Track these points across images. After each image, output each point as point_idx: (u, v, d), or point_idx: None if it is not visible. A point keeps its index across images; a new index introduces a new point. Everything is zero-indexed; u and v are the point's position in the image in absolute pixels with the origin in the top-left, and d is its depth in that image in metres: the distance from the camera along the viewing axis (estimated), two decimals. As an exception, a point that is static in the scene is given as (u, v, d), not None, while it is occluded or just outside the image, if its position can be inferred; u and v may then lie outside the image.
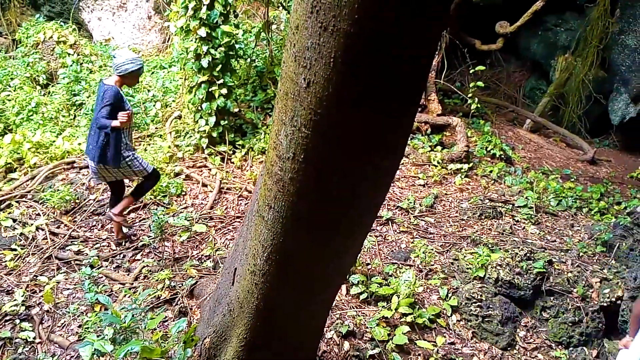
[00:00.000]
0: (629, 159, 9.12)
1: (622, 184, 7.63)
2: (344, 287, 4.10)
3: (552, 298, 4.06)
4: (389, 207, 5.61)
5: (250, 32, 7.57)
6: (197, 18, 5.50)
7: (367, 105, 1.55)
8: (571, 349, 3.83)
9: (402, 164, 6.88)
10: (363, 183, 1.81)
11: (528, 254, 4.26)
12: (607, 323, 3.94)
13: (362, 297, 3.98)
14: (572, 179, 7.28)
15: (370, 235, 4.96)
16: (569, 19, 9.91)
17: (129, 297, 3.69)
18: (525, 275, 4.08)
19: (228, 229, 4.67)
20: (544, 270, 4.12)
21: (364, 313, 3.88)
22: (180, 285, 3.81)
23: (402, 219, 5.39)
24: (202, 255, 4.24)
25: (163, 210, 4.49)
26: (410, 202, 5.67)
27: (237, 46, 6.55)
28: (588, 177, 7.67)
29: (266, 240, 2.01)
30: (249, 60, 7.32)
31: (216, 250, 4.22)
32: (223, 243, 4.43)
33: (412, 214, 5.52)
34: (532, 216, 5.62)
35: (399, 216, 5.45)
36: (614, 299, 3.94)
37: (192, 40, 5.65)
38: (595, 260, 4.62)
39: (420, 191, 6.21)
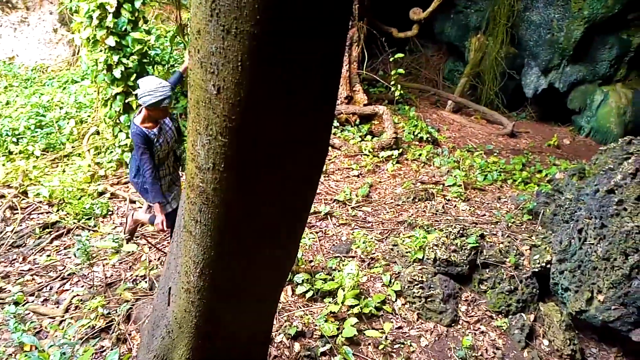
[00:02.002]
0: (545, 129, 9.73)
1: (541, 153, 8.14)
2: (289, 287, 4.06)
3: (487, 270, 4.24)
4: (326, 202, 5.62)
5: (166, 37, 7.29)
6: (103, 27, 5.20)
7: (282, 106, 1.51)
8: (510, 316, 4.01)
9: (335, 156, 6.92)
10: (289, 184, 1.77)
11: (461, 231, 4.42)
12: (540, 287, 4.17)
13: (308, 295, 3.96)
14: (495, 154, 7.66)
15: (310, 232, 4.95)
16: (478, 0, 10.37)
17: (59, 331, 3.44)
18: (460, 252, 4.23)
19: (163, 245, 4.48)
20: (477, 244, 4.29)
21: (311, 311, 3.86)
22: (115, 311, 3.60)
23: (340, 212, 5.42)
24: (136, 276, 4.03)
25: (88, 235, 4.22)
26: (347, 194, 5.71)
27: (152, 53, 6.28)
28: (509, 150, 8.10)
29: (197, 255, 1.92)
30: (167, 66, 7.05)
31: (151, 270, 4.03)
32: (158, 260, 4.24)
33: (349, 205, 5.56)
34: (462, 194, 5.85)
35: (336, 209, 5.48)
36: (544, 264, 4.17)
37: (100, 51, 5.34)
38: (523, 229, 4.87)
39: (355, 182, 6.28)
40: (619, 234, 3.68)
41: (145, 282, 3.94)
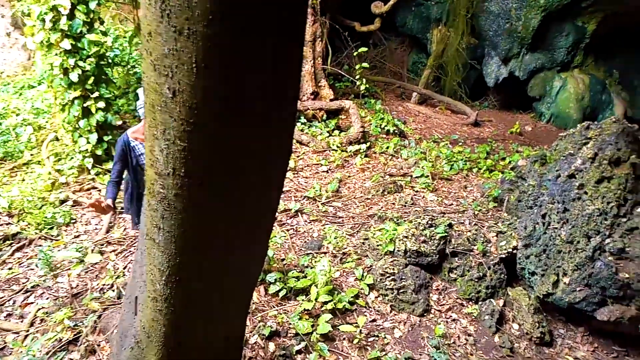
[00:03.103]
0: (507, 116, 9.96)
1: (504, 141, 8.32)
2: (261, 287, 4.03)
3: (456, 259, 4.31)
4: (296, 199, 5.60)
5: (124, 38, 7.11)
6: (57, 30, 5.02)
7: (241, 107, 1.48)
8: (480, 302, 4.09)
9: (304, 152, 6.91)
10: (253, 185, 1.75)
11: (430, 221, 4.48)
12: (508, 273, 4.26)
13: (281, 294, 3.94)
14: (460, 143, 7.79)
15: (281, 230, 4.93)
16: (437, -7, 10.51)
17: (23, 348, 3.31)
18: (430, 242, 4.29)
19: (129, 251, 4.37)
20: (446, 234, 4.35)
21: (285, 310, 3.84)
22: (82, 322, 3.50)
23: (310, 208, 5.41)
24: (103, 285, 3.93)
25: (50, 245, 4.08)
26: (317, 190, 5.71)
27: (110, 54, 6.11)
28: (474, 139, 8.25)
29: (162, 263, 1.87)
30: (127, 67, 6.88)
31: (117, 278, 3.93)
32: (125, 267, 4.13)
33: (319, 201, 5.56)
34: (430, 184, 5.92)
35: (307, 206, 5.46)
36: (510, 250, 4.26)
37: (56, 55, 5.15)
38: (489, 217, 4.98)
39: (325, 177, 6.28)
40: (581, 217, 3.80)
41: (113, 290, 3.84)
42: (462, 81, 10.24)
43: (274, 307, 3.85)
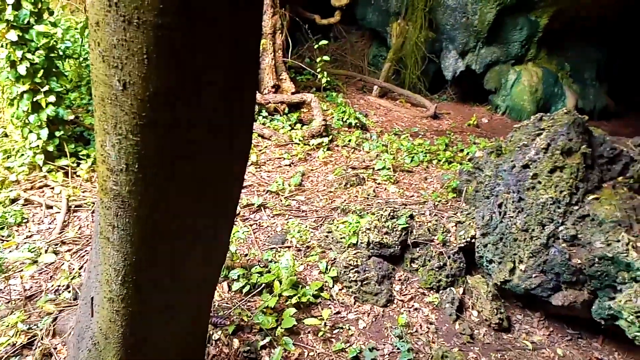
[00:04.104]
0: (465, 109, 10.19)
1: (462, 133, 8.52)
2: (224, 284, 3.98)
3: (418, 249, 4.39)
4: (259, 193, 5.55)
5: (76, 29, 6.82)
6: (2, 21, 4.76)
7: (195, 99, 1.44)
8: (441, 291, 4.19)
9: (266, 146, 6.85)
10: (211, 180, 1.71)
11: (392, 213, 4.53)
12: (467, 261, 4.38)
13: (245, 290, 3.90)
14: (421, 135, 7.92)
15: (244, 225, 4.88)
16: (396, -13, 10.60)
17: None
18: (392, 234, 4.34)
19: (85, 251, 4.22)
20: (407, 225, 4.42)
21: (249, 306, 3.81)
22: (37, 325, 3.36)
23: (273, 203, 5.37)
24: (58, 286, 3.78)
25: (0, 246, 3.89)
26: (279, 184, 5.67)
27: (61, 46, 5.86)
28: (433, 131, 8.41)
29: (117, 263, 1.81)
30: (80, 59, 6.61)
31: (73, 278, 3.79)
32: (81, 267, 3.99)
33: (282, 195, 5.53)
34: (391, 176, 6.00)
35: (270, 200, 5.43)
36: (469, 239, 4.38)
37: (1, 47, 4.89)
38: (449, 207, 5.09)
39: (288, 171, 6.25)
40: (535, 206, 3.93)
41: (69, 292, 3.70)
42: (421, 74, 10.39)
43: (237, 304, 3.81)
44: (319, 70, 8.26)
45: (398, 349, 3.60)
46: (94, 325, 2.24)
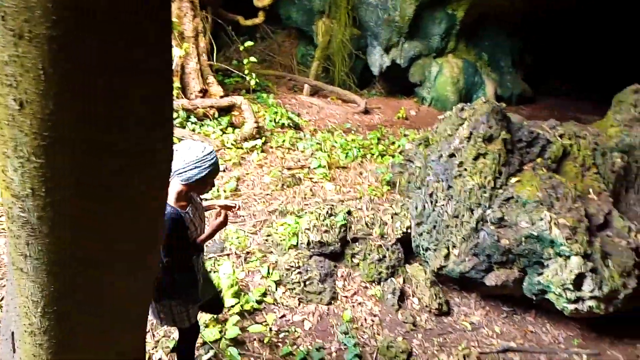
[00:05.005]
0: (394, 102, 10.45)
1: (393, 126, 8.74)
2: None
3: (357, 244, 4.45)
4: (193, 202, 5.40)
5: None
6: None
7: (102, 115, 1.35)
8: (382, 283, 4.28)
9: (197, 153, 6.67)
10: (132, 198, 1.62)
11: (330, 211, 4.57)
12: (405, 251, 4.50)
13: (184, 303, 3.77)
14: (353, 131, 8.04)
15: (179, 237, 4.72)
16: (318, -15, 10.68)
17: None
18: (331, 231, 4.38)
19: (2, 284, 3.92)
20: (346, 221, 4.47)
21: (190, 319, 3.69)
22: (-46, 368, 3.07)
23: (209, 210, 5.24)
24: (-24, 322, 3.48)
25: None
26: (214, 191, 5.54)
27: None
28: (365, 126, 8.56)
29: (34, 294, 1.68)
30: None
31: (-7, 312, 3.50)
32: (1, 299, 3.70)
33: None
34: (327, 174, 6.04)
35: (205, 208, 5.29)
36: (405, 230, 4.50)
37: None
38: (384, 200, 5.20)
39: (222, 177, 6.12)
40: (464, 193, 4.10)
41: (-11, 327, 3.42)
42: (349, 71, 10.54)
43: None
44: (247, 72, 8.16)
45: (345, 345, 3.63)
46: (16, 363, 2.08)
